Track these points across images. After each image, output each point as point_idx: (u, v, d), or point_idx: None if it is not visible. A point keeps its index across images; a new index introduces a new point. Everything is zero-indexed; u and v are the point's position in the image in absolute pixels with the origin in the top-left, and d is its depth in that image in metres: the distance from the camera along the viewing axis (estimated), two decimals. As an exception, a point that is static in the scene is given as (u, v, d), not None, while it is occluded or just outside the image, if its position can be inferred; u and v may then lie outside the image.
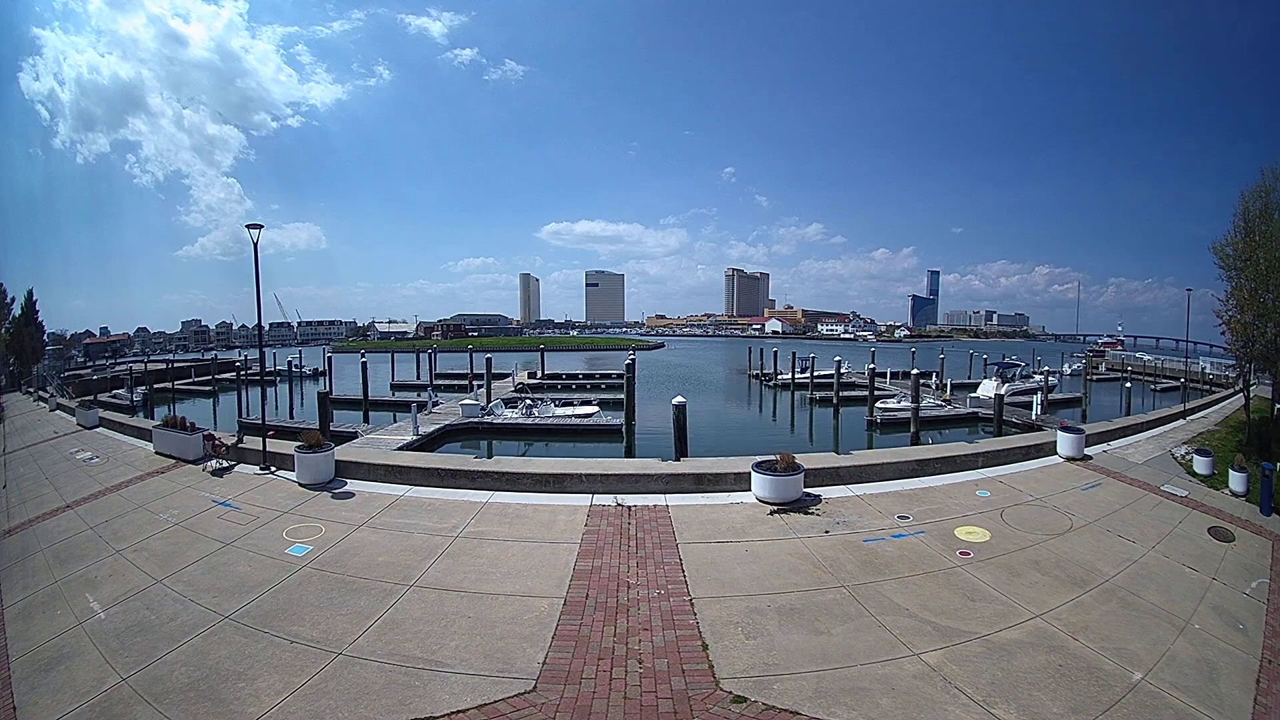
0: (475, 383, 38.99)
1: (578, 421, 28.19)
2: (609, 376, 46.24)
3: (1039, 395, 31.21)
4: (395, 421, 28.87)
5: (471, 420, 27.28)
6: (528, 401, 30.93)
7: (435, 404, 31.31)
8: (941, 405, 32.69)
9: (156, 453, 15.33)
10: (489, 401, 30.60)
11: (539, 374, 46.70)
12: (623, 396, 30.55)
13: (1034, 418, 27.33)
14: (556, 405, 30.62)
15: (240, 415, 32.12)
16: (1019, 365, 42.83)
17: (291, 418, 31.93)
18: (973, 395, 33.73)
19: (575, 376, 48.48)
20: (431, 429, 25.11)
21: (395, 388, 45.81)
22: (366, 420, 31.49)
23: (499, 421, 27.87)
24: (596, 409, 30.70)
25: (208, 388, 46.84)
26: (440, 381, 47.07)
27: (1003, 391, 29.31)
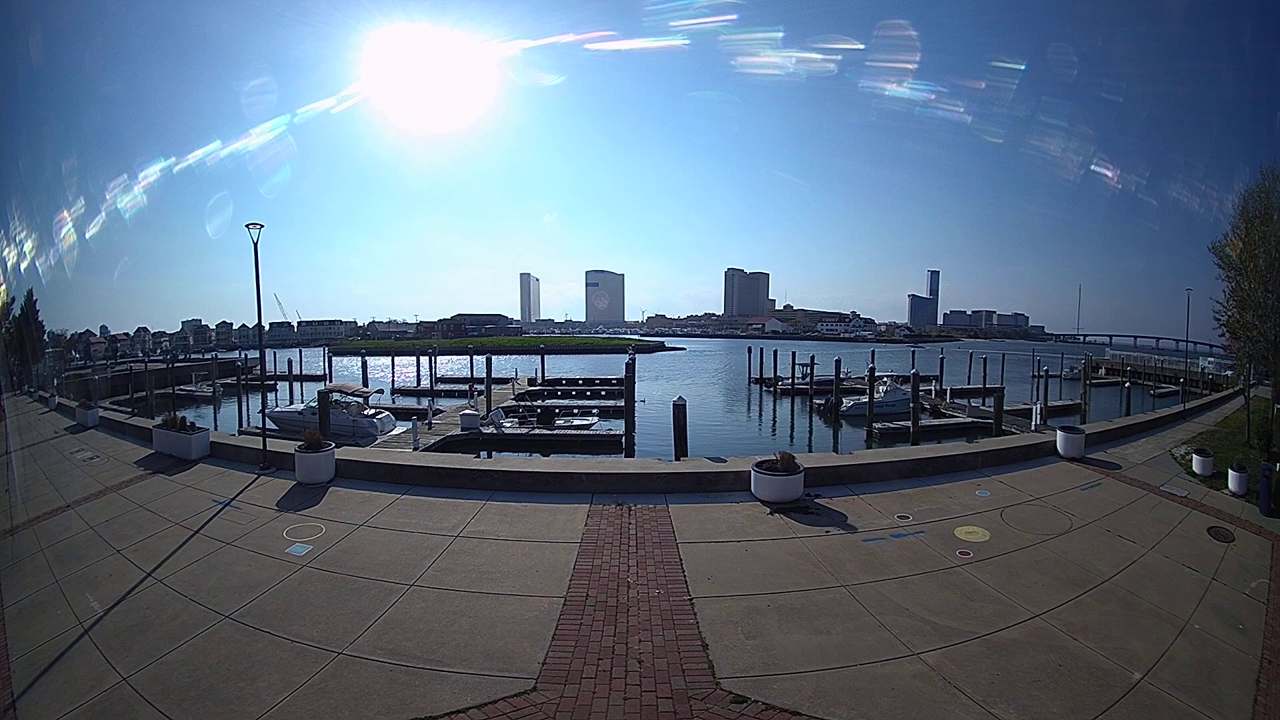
0: (475, 387, 38.97)
1: (576, 433, 28.32)
2: (609, 382, 46.28)
3: (1038, 405, 31.28)
4: (398, 429, 28.93)
5: (471, 432, 27.27)
6: (537, 410, 31.24)
7: (436, 412, 31.29)
8: (943, 414, 32.72)
9: (156, 452, 15.34)
10: (489, 410, 30.62)
11: (539, 379, 46.66)
12: (623, 403, 30.62)
13: (1033, 428, 27.31)
14: (556, 415, 30.80)
15: (241, 424, 32.13)
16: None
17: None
18: (969, 404, 33.91)
19: (575, 382, 48.48)
20: (432, 441, 25.14)
21: (396, 393, 45.84)
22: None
23: (499, 433, 27.92)
24: (595, 419, 30.91)
25: (208, 393, 46.75)
26: (441, 385, 47.11)
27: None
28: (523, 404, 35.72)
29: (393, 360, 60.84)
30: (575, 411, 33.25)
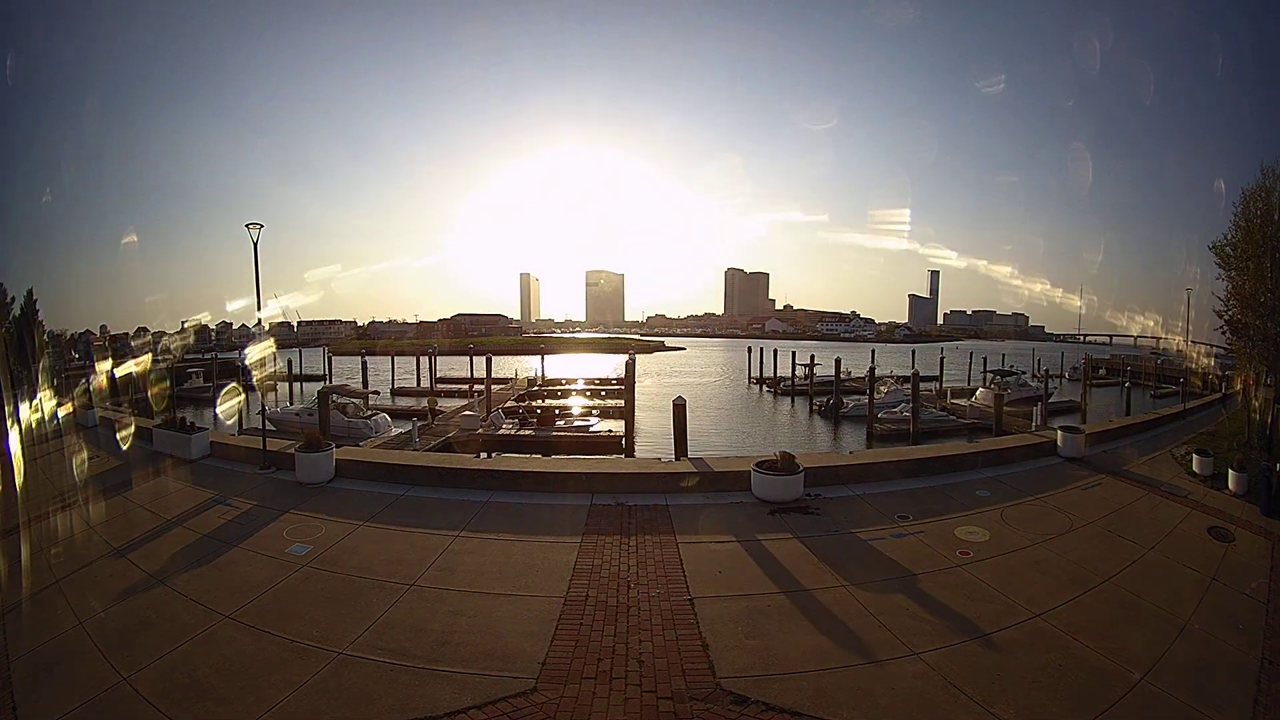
0: (475, 387, 39.06)
1: (576, 434, 28.37)
2: (609, 382, 46.36)
3: (1039, 406, 31.27)
4: (393, 432, 28.92)
5: (471, 433, 27.25)
6: (537, 410, 31.31)
7: (436, 413, 31.30)
8: (943, 415, 32.69)
9: (156, 452, 15.34)
10: (489, 411, 30.64)
11: (540, 380, 46.68)
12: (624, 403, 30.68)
13: (1034, 430, 27.29)
14: (556, 416, 30.92)
15: (241, 425, 32.15)
16: (1015, 374, 42.65)
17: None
18: (970, 404, 33.89)
19: (575, 382, 48.54)
20: (432, 443, 25.16)
21: (396, 393, 45.96)
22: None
23: (500, 433, 27.92)
24: (595, 420, 31.05)
25: (207, 394, 46.65)
26: (441, 386, 47.20)
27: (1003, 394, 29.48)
28: (522, 405, 35.76)
29: (393, 361, 60.81)
30: (575, 412, 33.32)
